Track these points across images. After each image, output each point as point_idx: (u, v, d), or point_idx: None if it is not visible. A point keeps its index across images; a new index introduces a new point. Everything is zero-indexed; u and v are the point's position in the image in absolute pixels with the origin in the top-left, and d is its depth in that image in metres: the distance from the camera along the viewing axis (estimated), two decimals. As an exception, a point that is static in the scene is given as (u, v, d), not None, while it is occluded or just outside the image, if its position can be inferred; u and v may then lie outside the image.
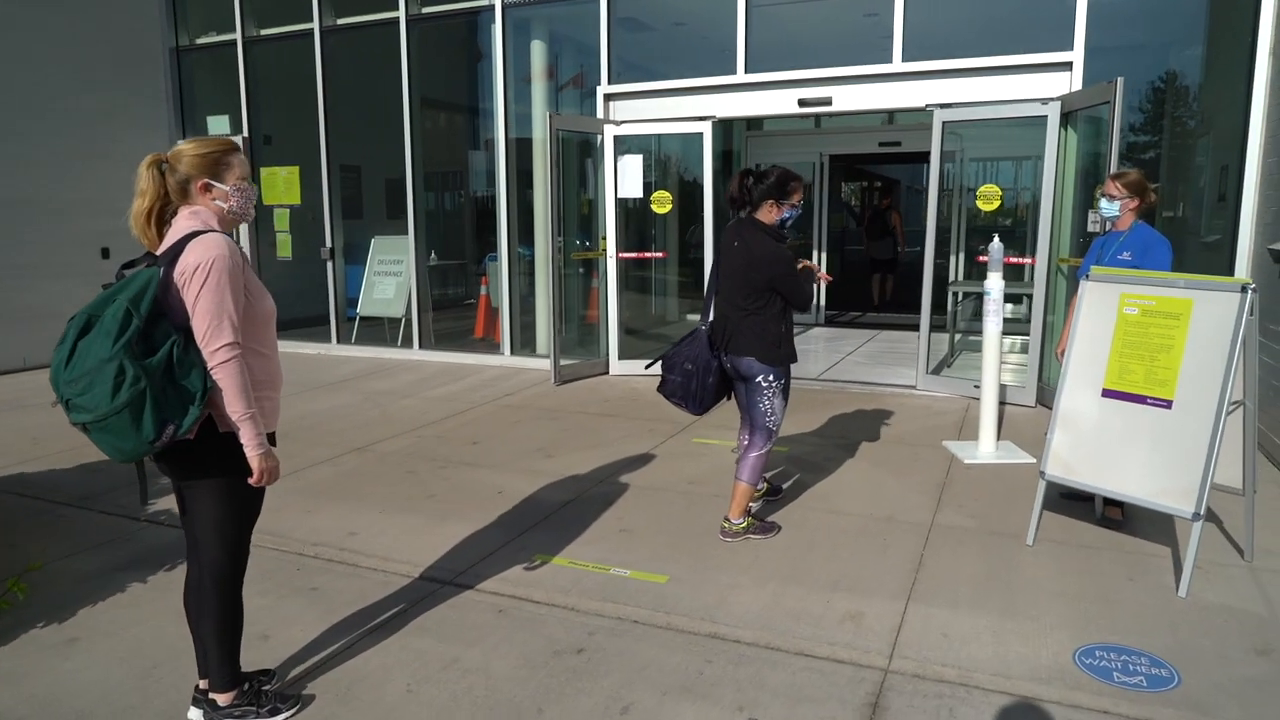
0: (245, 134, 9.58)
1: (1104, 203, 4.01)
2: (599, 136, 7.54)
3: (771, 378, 3.82)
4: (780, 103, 7.10)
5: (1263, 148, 5.71)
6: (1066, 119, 6.18)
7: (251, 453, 2.34)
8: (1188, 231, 7.06)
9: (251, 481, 2.38)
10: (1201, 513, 3.29)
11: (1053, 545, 3.84)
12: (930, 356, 6.99)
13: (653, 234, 8.63)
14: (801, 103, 7.01)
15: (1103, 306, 3.70)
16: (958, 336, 8.46)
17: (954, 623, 3.14)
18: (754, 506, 4.23)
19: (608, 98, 7.68)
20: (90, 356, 2.12)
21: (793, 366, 3.94)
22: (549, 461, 5.20)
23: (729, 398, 4.12)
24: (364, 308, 9.43)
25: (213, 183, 2.38)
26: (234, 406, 2.29)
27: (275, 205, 9.66)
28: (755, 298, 3.75)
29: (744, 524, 3.95)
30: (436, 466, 5.14)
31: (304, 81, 9.09)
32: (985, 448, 5.21)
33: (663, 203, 7.65)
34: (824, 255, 11.28)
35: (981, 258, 9.31)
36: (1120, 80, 5.32)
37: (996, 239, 5.07)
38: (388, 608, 3.37)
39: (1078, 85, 6.15)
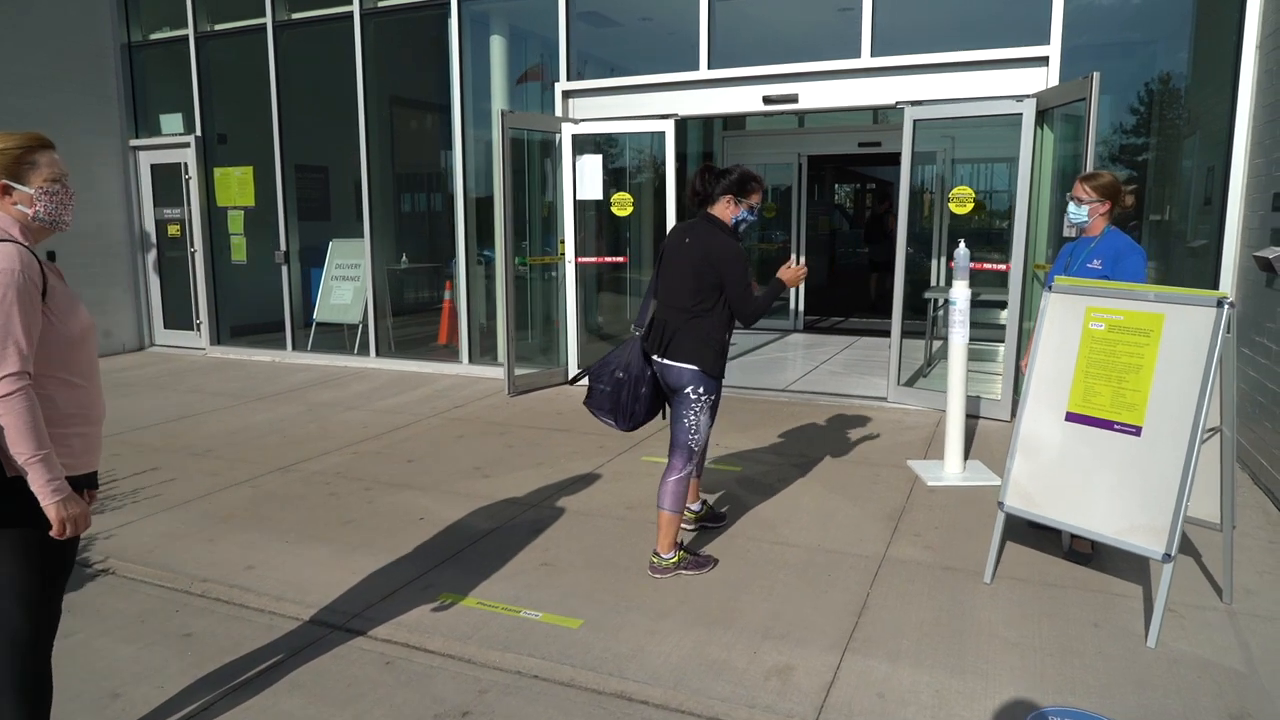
0: (198, 133, 9.22)
1: (1072, 207, 3.67)
2: (557, 136, 7.19)
3: (702, 390, 3.47)
4: (745, 100, 6.75)
5: (1249, 149, 5.37)
6: (1043, 117, 5.83)
7: (44, 501, 2.00)
8: (1174, 235, 6.73)
9: (53, 534, 2.04)
10: (1173, 553, 2.94)
11: (1013, 583, 3.49)
12: (904, 367, 6.64)
13: (614, 238, 8.28)
14: (766, 100, 6.66)
15: (1067, 321, 3.35)
16: (935, 344, 8.11)
17: (893, 679, 2.79)
18: (686, 538, 3.87)
19: (567, 95, 7.33)
20: None
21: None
22: (484, 482, 4.85)
23: (663, 415, 3.74)
24: (321, 313, 9.07)
25: (13, 184, 2.07)
26: (18, 447, 1.96)
27: (230, 207, 9.30)
28: (704, 298, 3.42)
29: (674, 558, 3.57)
30: (362, 488, 4.78)
31: (262, 79, 8.73)
32: (951, 468, 4.86)
33: (623, 205, 7.30)
34: (803, 258, 10.92)
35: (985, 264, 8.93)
36: (1096, 75, 4.98)
37: (962, 244, 4.73)
38: (265, 657, 3.01)
39: (1055, 82, 5.81)
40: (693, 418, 3.50)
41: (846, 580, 3.53)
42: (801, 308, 10.91)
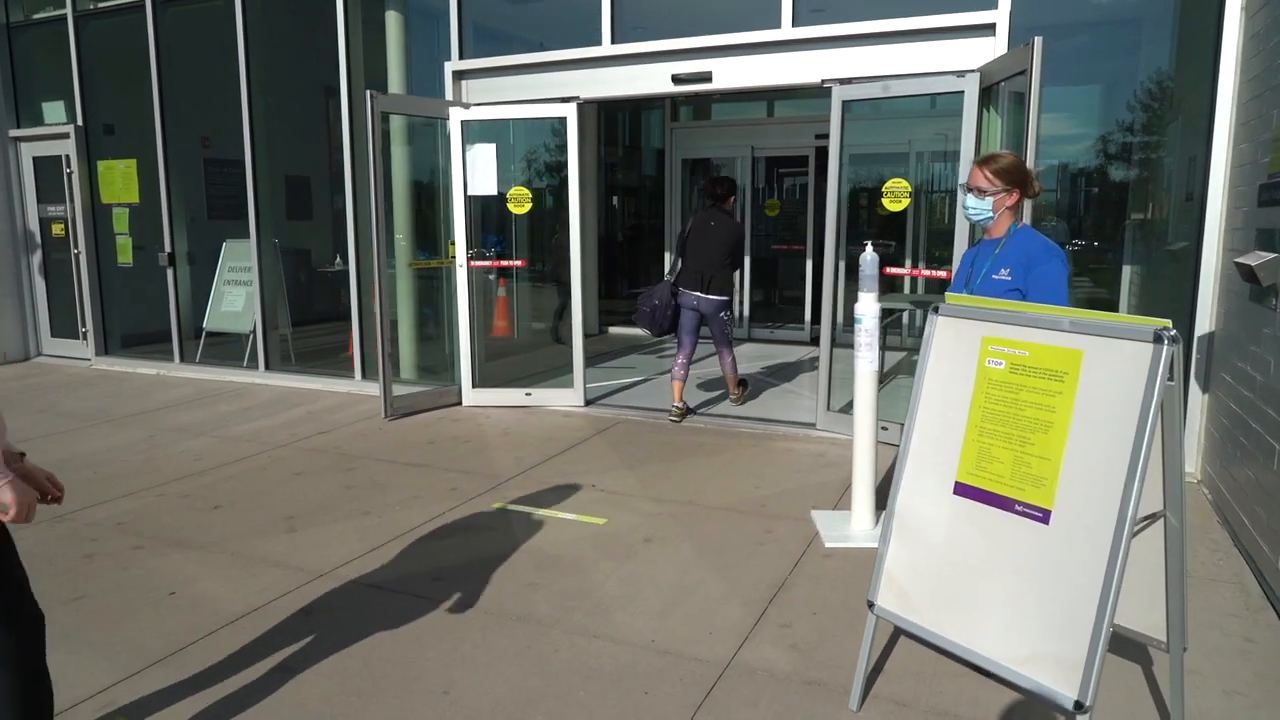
0: (79, 122, 8.34)
1: (970, 200, 2.76)
2: (444, 121, 6.29)
3: (727, 310, 5.97)
4: (653, 80, 5.83)
5: (1232, 131, 4.44)
6: (990, 98, 4.91)
7: None
8: (1154, 237, 5.79)
9: (11, 517, 1.83)
10: (1088, 701, 2.01)
11: (889, 710, 2.56)
12: (841, 388, 5.70)
13: (513, 237, 7.38)
14: (676, 79, 5.74)
15: (958, 354, 2.43)
16: (888, 359, 7.18)
17: None
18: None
19: (458, 75, 6.43)
20: None
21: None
22: (282, 540, 3.95)
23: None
24: (211, 322, 8.18)
25: None
26: None
27: (114, 204, 8.42)
28: (729, 259, 5.93)
29: (738, 394, 6.32)
30: (131, 546, 3.89)
31: (145, 63, 7.83)
32: (859, 524, 3.94)
33: (521, 201, 6.39)
34: (754, 261, 9.98)
35: (897, 269, 7.97)
36: (1038, 41, 4.06)
37: (869, 248, 3.80)
38: None
39: (1003, 52, 4.88)
40: (728, 325, 6.02)
41: (664, 703, 2.62)
42: (746, 313, 9.95)
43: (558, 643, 2.98)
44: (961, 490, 2.36)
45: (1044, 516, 2.18)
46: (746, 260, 9.87)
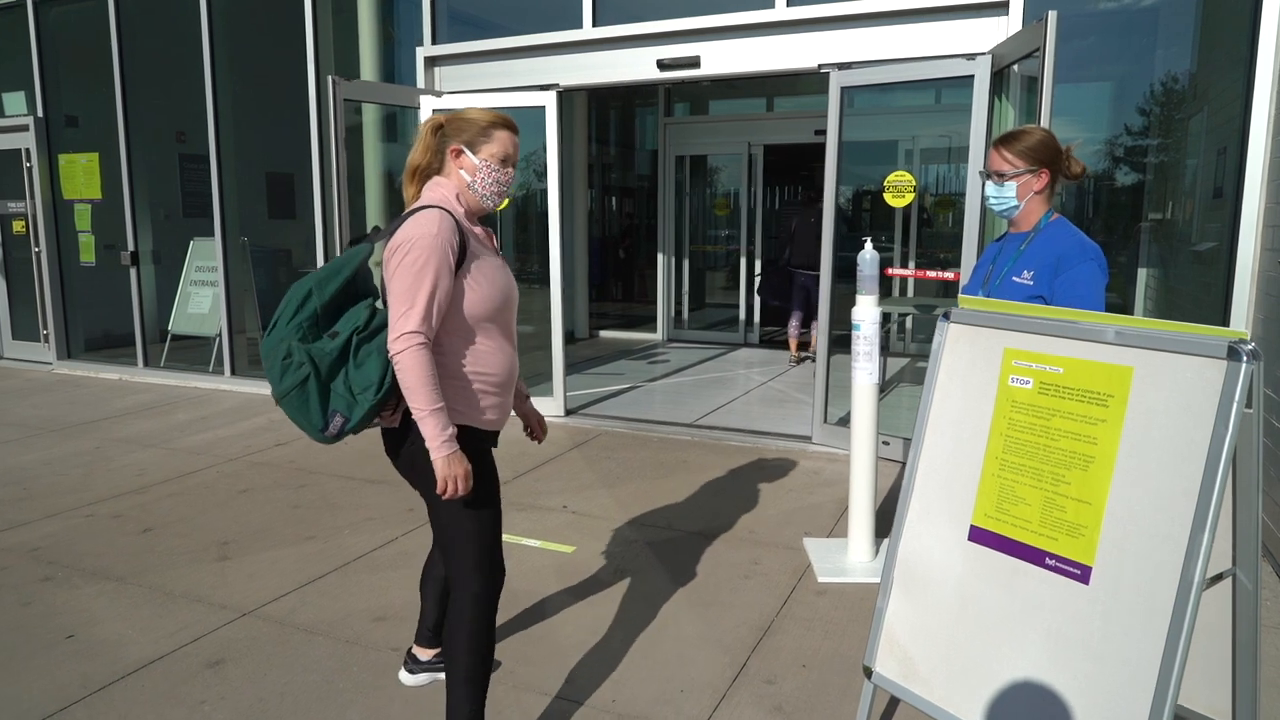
0: (39, 113, 7.94)
1: (991, 188, 2.33)
2: (415, 111, 5.87)
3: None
4: (637, 65, 5.42)
5: (1272, 117, 4.01)
6: (1000, 81, 4.49)
7: (433, 455, 1.96)
8: (1176, 239, 5.36)
9: (438, 490, 1.98)
10: (1143, 815, 1.59)
11: (890, 797, 2.14)
12: (833, 399, 5.28)
13: (501, 235, 6.94)
14: (661, 65, 5.32)
15: (974, 370, 2.01)
16: (892, 366, 6.77)
17: None
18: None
19: (431, 61, 6.02)
20: (274, 333, 2.01)
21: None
22: (211, 569, 3.52)
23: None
24: (176, 324, 7.77)
25: (466, 150, 2.08)
26: (413, 400, 1.94)
27: (76, 200, 8.01)
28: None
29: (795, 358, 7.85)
30: (40, 577, 3.47)
31: (107, 51, 7.42)
32: (856, 554, 3.51)
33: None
34: (758, 262, 9.54)
35: (901, 270, 7.50)
36: (1053, 16, 3.64)
37: (868, 245, 3.37)
38: None
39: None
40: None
41: (622, 786, 2.19)
42: (757, 318, 9.52)
43: (501, 702, 2.55)
44: (978, 537, 1.94)
45: (1083, 574, 1.75)
46: (755, 264, 9.45)
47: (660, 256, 9.69)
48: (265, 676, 2.71)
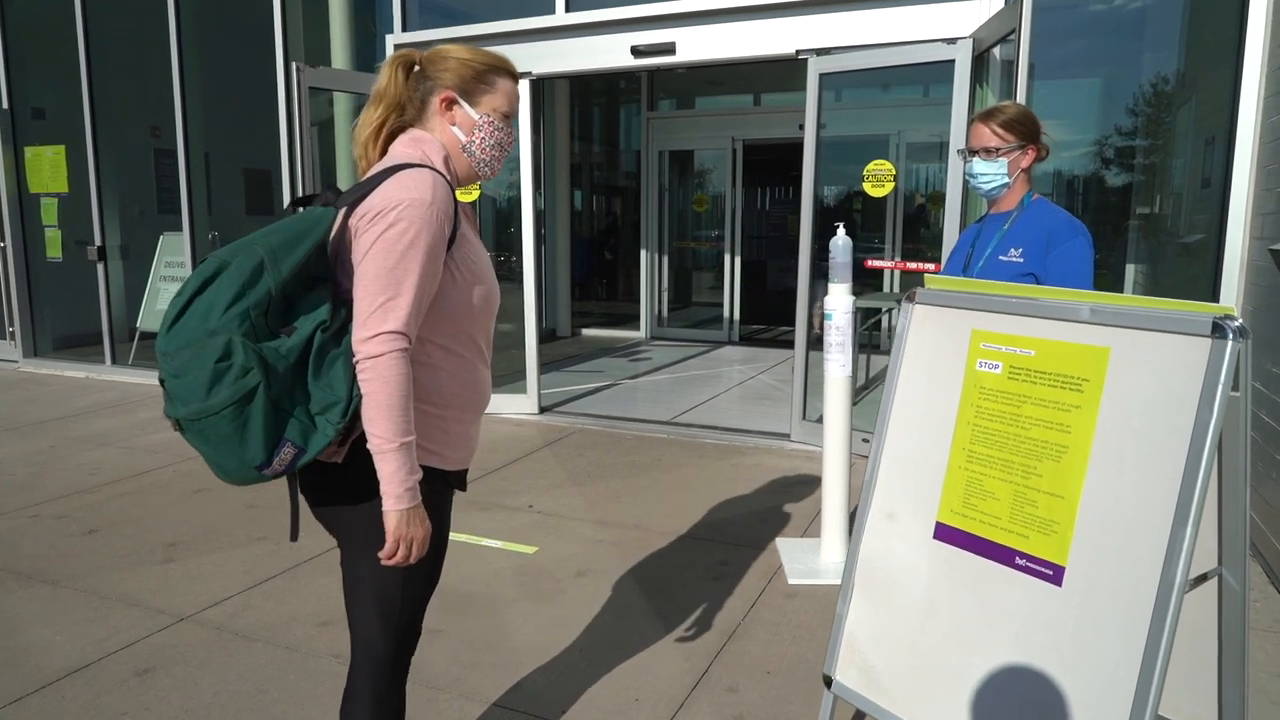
0: (4, 104, 7.74)
1: (979, 164, 2.20)
2: (384, 99, 5.70)
3: None
4: (612, 52, 5.26)
5: (1261, 103, 3.88)
6: (980, 66, 4.35)
7: (387, 505, 1.44)
8: (1163, 231, 5.24)
9: (381, 554, 1.47)
10: (1120, 840, 1.44)
11: (853, 815, 1.99)
12: (812, 395, 5.14)
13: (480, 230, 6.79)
14: (636, 51, 5.17)
15: (939, 354, 1.86)
16: (875, 364, 6.63)
17: None
18: None
19: (400, 49, 5.84)
20: (192, 323, 1.36)
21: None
22: (153, 572, 3.36)
23: None
24: (145, 321, 7.59)
25: (460, 101, 1.62)
26: (375, 427, 1.43)
27: (43, 194, 7.81)
28: None
29: None
30: (-29, 581, 3.29)
31: (73, 40, 7.23)
32: (829, 555, 3.36)
33: (468, 189, 5.80)
34: (737, 260, 9.40)
35: (878, 261, 7.41)
36: (1033, -5, 3.50)
37: (841, 231, 3.22)
38: None
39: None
40: None
41: (564, 804, 2.03)
42: (737, 315, 9.39)
43: (446, 712, 2.39)
44: (944, 534, 1.79)
45: (1055, 575, 1.60)
46: (737, 260, 9.32)
47: (644, 253, 9.54)
48: (195, 686, 2.54)
